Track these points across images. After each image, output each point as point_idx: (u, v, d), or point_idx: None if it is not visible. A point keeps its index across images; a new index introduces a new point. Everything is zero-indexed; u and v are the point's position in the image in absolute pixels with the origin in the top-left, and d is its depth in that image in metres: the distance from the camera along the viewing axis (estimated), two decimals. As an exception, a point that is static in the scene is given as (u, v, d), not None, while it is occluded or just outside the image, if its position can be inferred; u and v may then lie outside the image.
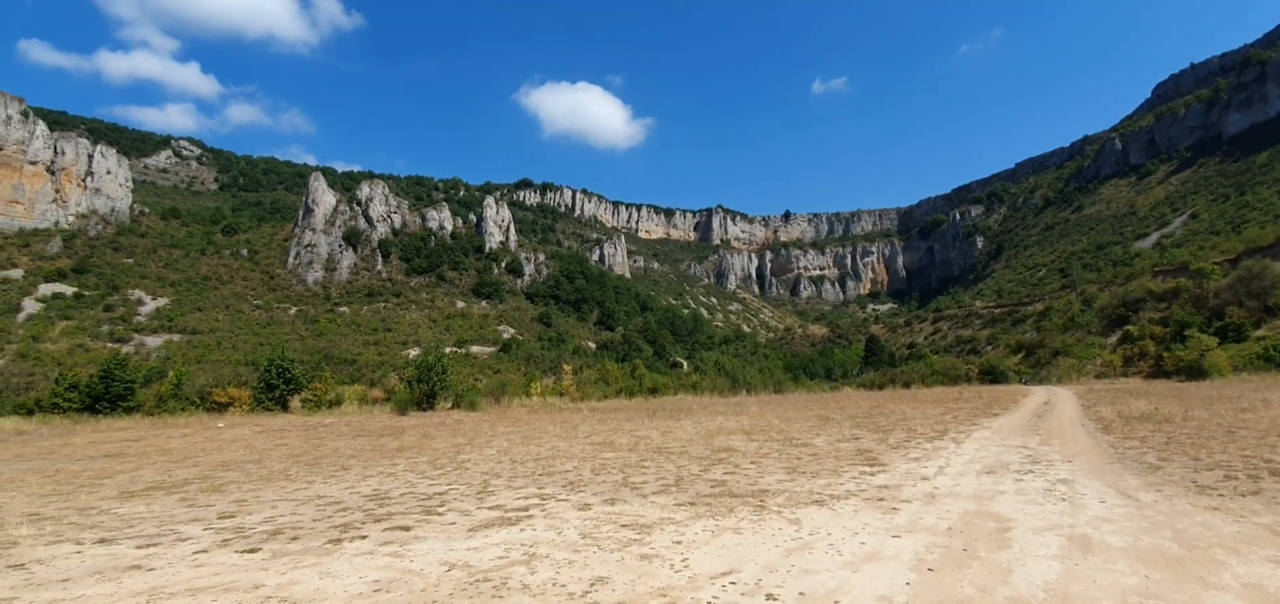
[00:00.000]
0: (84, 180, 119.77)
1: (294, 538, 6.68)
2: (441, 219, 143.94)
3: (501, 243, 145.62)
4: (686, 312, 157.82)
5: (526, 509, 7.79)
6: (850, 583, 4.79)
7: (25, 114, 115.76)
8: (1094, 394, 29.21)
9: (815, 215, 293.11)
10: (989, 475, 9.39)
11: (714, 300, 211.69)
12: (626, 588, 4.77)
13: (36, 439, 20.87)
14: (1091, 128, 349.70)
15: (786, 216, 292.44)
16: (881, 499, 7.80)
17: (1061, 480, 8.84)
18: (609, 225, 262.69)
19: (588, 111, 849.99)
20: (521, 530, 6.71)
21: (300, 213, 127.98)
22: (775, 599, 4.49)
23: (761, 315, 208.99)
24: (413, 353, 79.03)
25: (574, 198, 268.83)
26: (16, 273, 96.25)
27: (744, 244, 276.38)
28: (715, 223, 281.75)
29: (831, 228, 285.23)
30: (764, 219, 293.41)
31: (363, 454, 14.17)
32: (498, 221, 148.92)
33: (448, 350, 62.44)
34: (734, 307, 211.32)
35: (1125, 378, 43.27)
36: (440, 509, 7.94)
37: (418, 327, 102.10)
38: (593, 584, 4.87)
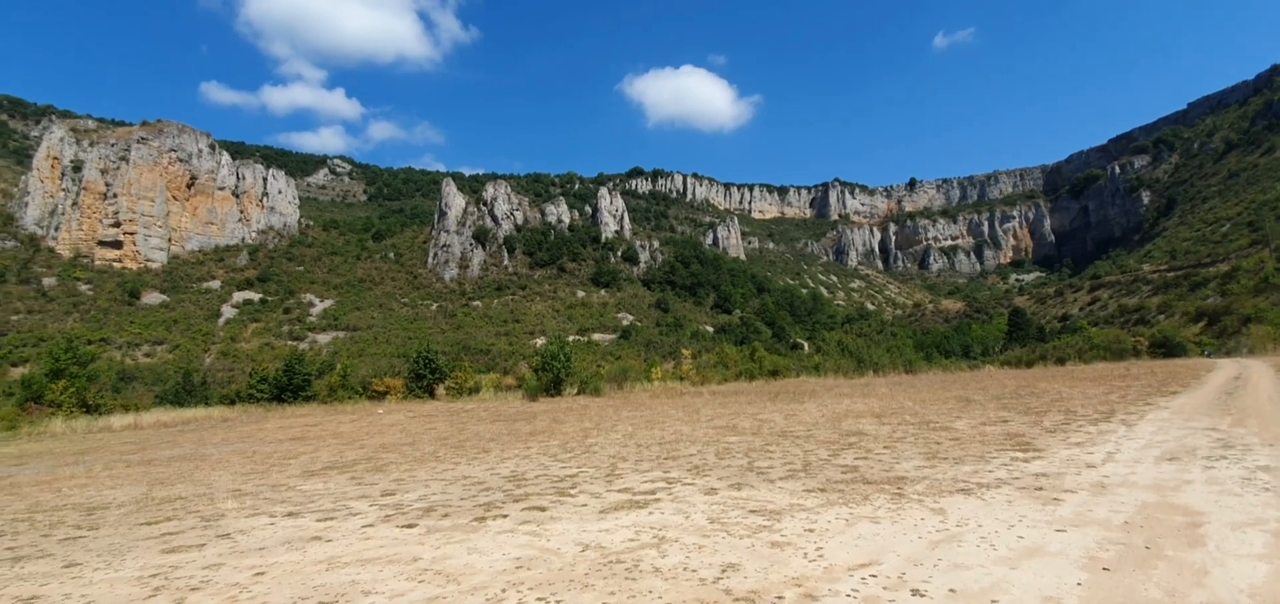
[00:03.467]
0: (261, 201, 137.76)
1: (445, 515, 7.27)
2: (559, 213, 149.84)
3: (616, 232, 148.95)
4: (805, 291, 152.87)
5: (654, 492, 7.92)
6: (1009, 581, 4.38)
7: (212, 147, 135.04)
8: (1308, 367, 24.67)
9: (944, 181, 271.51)
10: (1171, 462, 8.22)
11: (834, 278, 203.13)
12: (759, 576, 4.70)
13: (237, 424, 24.39)
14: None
15: (911, 185, 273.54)
16: (1039, 488, 7.09)
17: (1263, 467, 7.55)
18: (721, 208, 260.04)
19: (692, 95, 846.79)
20: (650, 514, 6.83)
21: (435, 216, 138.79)
22: (923, 596, 4.21)
23: (887, 292, 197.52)
24: (539, 341, 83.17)
25: (685, 183, 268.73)
26: (215, 284, 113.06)
27: (864, 218, 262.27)
28: (832, 198, 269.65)
29: (964, 193, 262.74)
30: (886, 190, 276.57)
31: (500, 438, 15.14)
32: (612, 212, 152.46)
33: (571, 338, 65.09)
34: (856, 284, 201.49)
35: (1347, 346, 36.15)
36: (572, 491, 8.28)
37: (543, 317, 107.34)
38: (724, 570, 4.85)
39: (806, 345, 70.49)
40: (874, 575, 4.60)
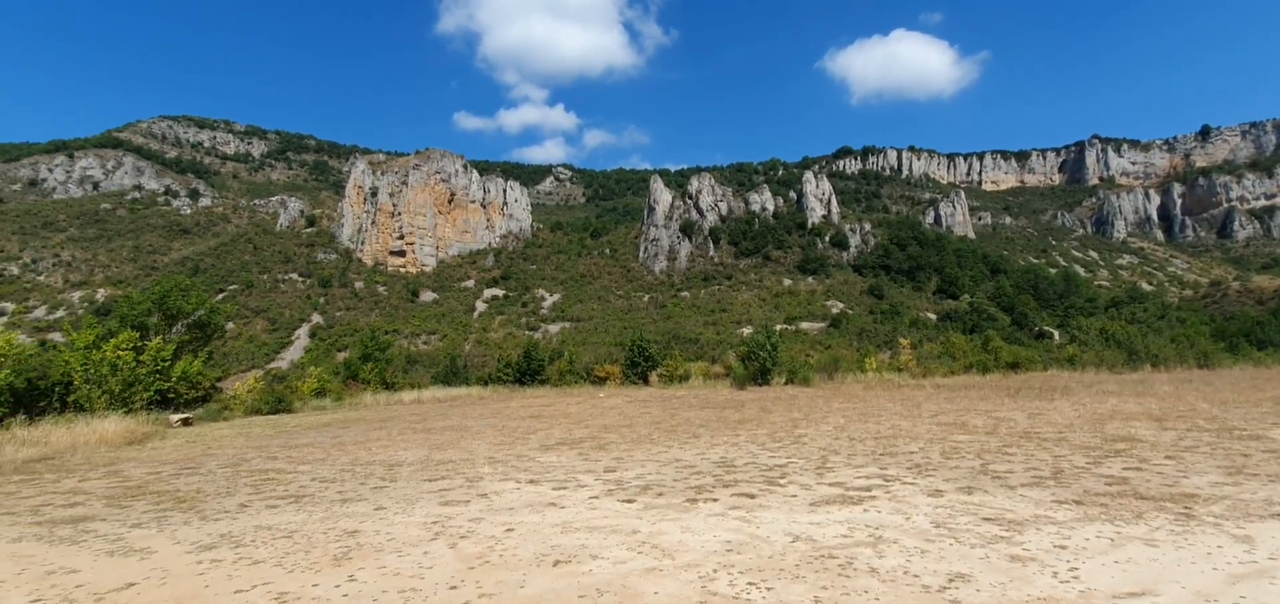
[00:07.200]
0: (502, 210, 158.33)
1: (660, 494, 7.75)
2: (763, 201, 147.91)
3: (824, 216, 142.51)
4: (1054, 271, 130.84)
5: (868, 489, 7.55)
6: (1355, 637, 3.41)
7: (465, 167, 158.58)
8: None
9: (1254, 126, 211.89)
10: None
11: (1093, 254, 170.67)
12: (994, 591, 4.26)
13: (490, 402, 28.46)
14: None
15: (1204, 134, 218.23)
16: None
17: None
18: (943, 182, 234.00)
19: (902, 62, 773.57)
20: (864, 511, 6.54)
21: (645, 212, 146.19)
22: (1216, 637, 3.47)
23: (1170, 267, 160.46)
24: (746, 331, 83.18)
25: (899, 158, 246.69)
26: (470, 283, 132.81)
27: (1136, 179, 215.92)
28: (1089, 158, 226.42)
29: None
30: (1166, 142, 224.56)
31: (709, 424, 15.56)
32: (818, 196, 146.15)
33: (778, 327, 63.99)
34: (1125, 260, 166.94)
35: None
36: (781, 481, 8.25)
37: (749, 306, 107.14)
38: (951, 580, 4.49)
39: (1057, 334, 60.48)
40: (1148, 607, 3.89)
